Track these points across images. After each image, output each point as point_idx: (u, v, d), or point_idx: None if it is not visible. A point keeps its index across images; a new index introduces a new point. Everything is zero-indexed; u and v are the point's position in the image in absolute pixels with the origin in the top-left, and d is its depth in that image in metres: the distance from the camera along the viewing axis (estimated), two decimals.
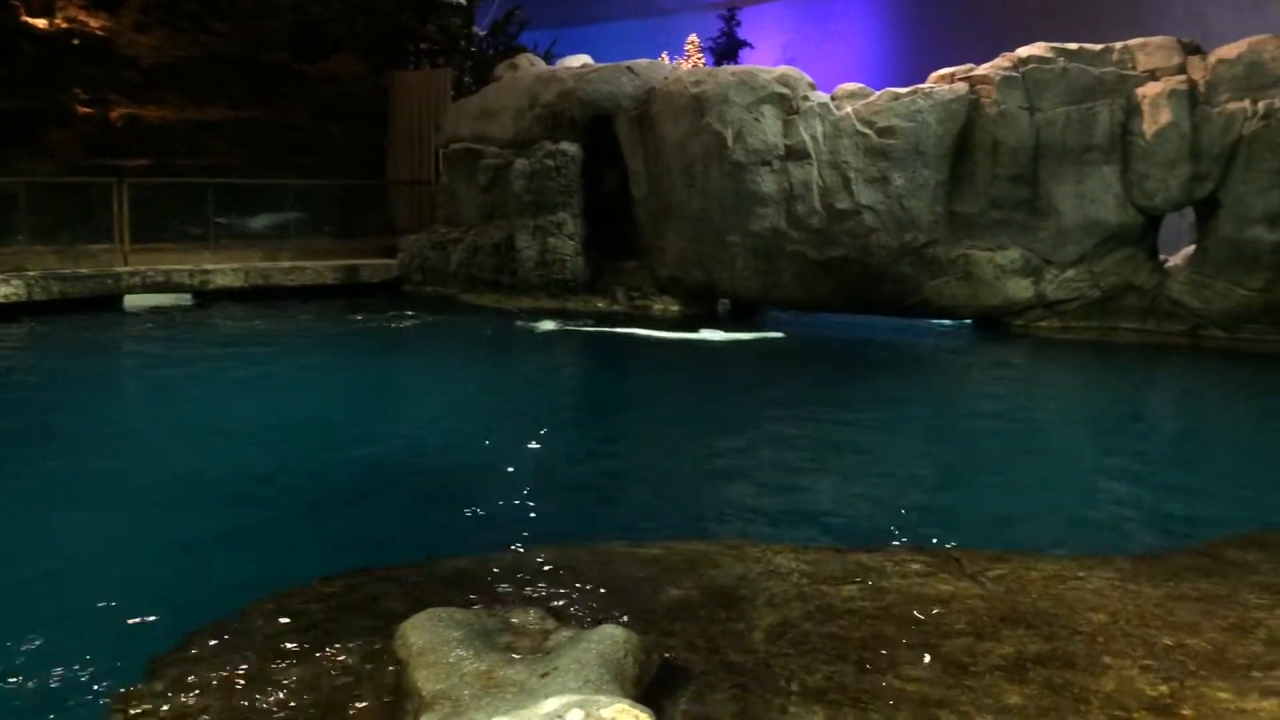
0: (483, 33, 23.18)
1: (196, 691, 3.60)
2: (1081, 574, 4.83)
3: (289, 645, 3.96)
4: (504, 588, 4.59)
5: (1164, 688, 3.63)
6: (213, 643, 4.00)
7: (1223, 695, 3.57)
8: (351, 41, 20.24)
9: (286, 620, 4.22)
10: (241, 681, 3.67)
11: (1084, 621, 4.23)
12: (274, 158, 18.85)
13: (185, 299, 15.28)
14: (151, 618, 4.35)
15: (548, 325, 13.65)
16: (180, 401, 9.21)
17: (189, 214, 16.90)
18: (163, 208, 16.70)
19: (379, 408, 9.27)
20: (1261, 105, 12.47)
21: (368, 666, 3.75)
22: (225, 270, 15.86)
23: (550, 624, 4.00)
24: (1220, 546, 5.35)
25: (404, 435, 8.06)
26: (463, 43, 22.46)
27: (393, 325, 14.08)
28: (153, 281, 15.21)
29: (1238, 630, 4.16)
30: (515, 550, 5.15)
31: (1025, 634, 4.10)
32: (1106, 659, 3.87)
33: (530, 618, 4.05)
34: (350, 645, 3.93)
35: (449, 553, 5.09)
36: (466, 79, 21.40)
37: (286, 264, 16.58)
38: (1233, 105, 12.63)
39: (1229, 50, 12.95)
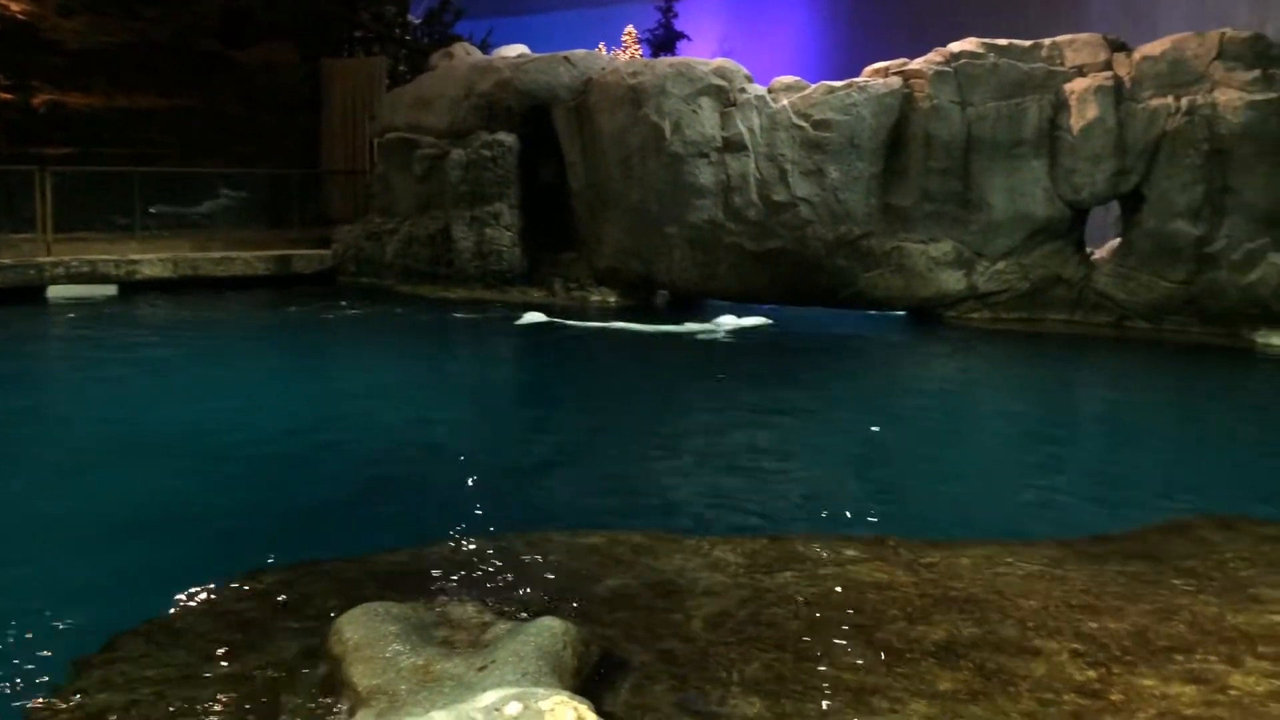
0: (417, 21, 22.93)
1: (122, 694, 3.51)
2: (1011, 559, 4.92)
3: (220, 643, 3.89)
4: (441, 581, 4.56)
5: (1092, 673, 3.71)
6: (141, 643, 3.91)
7: (1148, 681, 3.67)
8: (283, 28, 19.87)
9: (217, 618, 4.15)
10: (171, 682, 3.59)
11: (1014, 607, 4.31)
12: (205, 146, 18.47)
13: (110, 290, 14.92)
14: (75, 620, 4.21)
15: (533, 318, 13.47)
16: (103, 396, 9.00)
17: (115, 203, 16.52)
18: (88, 197, 16.29)
19: (311, 401, 9.13)
20: (1184, 101, 12.80)
21: (302, 663, 3.69)
22: (153, 260, 15.51)
23: (488, 617, 3.97)
24: (1145, 533, 5.49)
25: (338, 428, 7.96)
26: (397, 31, 22.20)
27: (329, 316, 13.89)
28: (77, 272, 14.83)
29: (1162, 614, 4.27)
30: (452, 543, 5.10)
31: (958, 619, 4.17)
32: (1036, 643, 3.95)
33: (468, 611, 4.03)
34: (283, 642, 3.88)
35: (385, 546, 5.03)
36: (401, 68, 21.18)
37: (217, 254, 16.27)
38: (1156, 101, 12.95)
39: (1153, 48, 13.27)
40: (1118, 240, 13.93)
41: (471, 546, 5.04)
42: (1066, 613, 4.26)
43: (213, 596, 4.36)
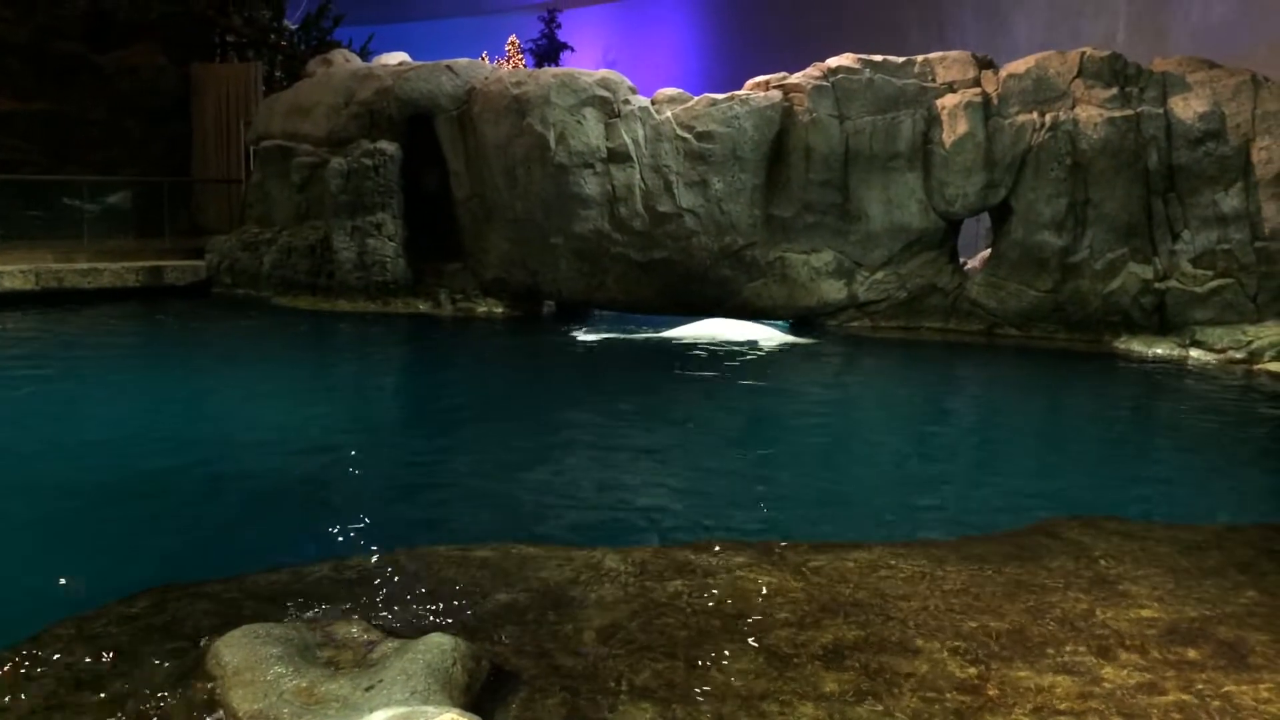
0: (294, 26, 22.41)
1: None
2: (894, 561, 5.05)
3: (89, 671, 3.71)
4: (325, 600, 4.44)
5: (972, 670, 3.83)
6: (3, 674, 3.70)
7: (1023, 674, 3.80)
8: (150, 31, 19.18)
9: (87, 644, 3.95)
10: (37, 713, 3.41)
11: (897, 608, 4.42)
12: (67, 153, 17.68)
13: None
14: None
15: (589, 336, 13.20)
16: None
17: None
18: None
19: (185, 418, 8.80)
20: (1048, 117, 13.38)
21: (178, 689, 3.55)
22: (12, 272, 14.75)
23: (374, 635, 3.88)
24: (1019, 533, 5.69)
25: (215, 446, 7.68)
26: (273, 36, 21.65)
27: (202, 328, 13.44)
28: None
29: (1037, 612, 4.43)
30: (336, 560, 4.97)
31: (844, 622, 4.25)
32: (919, 643, 4.06)
33: (353, 630, 3.93)
34: (158, 668, 3.72)
35: (264, 565, 4.87)
36: (278, 74, 20.67)
37: (83, 265, 15.57)
38: (1022, 117, 13.50)
39: (1018, 65, 13.84)
40: (988, 251, 14.46)
41: (356, 564, 4.92)
42: (947, 613, 4.39)
43: (83, 623, 4.16)
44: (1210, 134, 13.01)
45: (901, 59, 14.15)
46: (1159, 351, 12.63)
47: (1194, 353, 12.45)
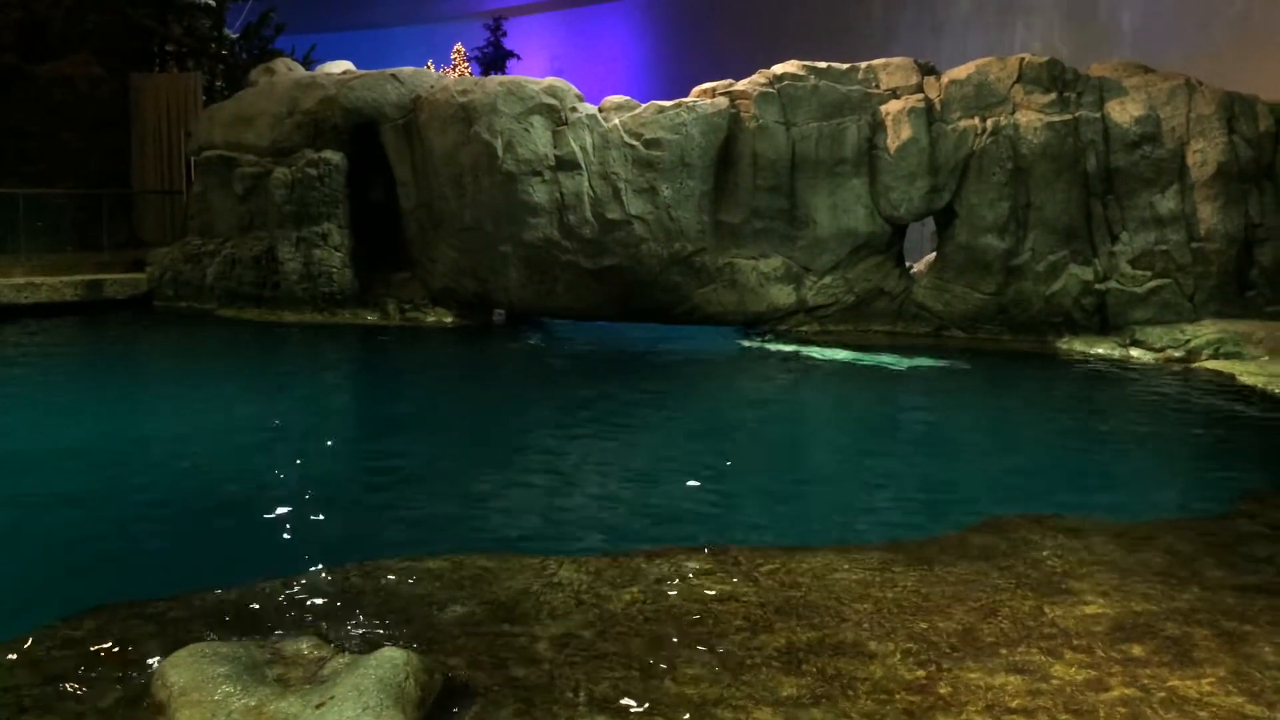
0: (235, 35, 22.12)
1: None
2: (845, 565, 5.08)
3: (32, 696, 3.62)
4: (273, 617, 4.37)
5: (923, 671, 3.86)
6: None
7: (973, 674, 3.84)
8: (85, 41, 18.83)
9: (31, 668, 3.85)
10: None
11: (850, 611, 4.45)
12: (1, 165, 17.29)
13: None
14: None
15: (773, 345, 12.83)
16: None
17: None
18: None
19: (129, 436, 8.62)
20: (989, 122, 13.59)
21: (124, 712, 3.47)
22: None
23: (325, 651, 3.83)
24: (967, 534, 5.75)
25: (157, 461, 7.55)
26: (213, 45, 21.35)
27: (145, 342, 13.20)
28: None
29: (986, 611, 4.48)
30: (285, 577, 4.90)
31: (797, 626, 4.27)
32: (872, 645, 4.09)
33: (303, 646, 3.88)
34: (104, 690, 3.64)
35: (211, 584, 4.79)
36: (219, 83, 20.39)
37: (19, 280, 15.20)
38: (964, 122, 13.70)
39: (959, 71, 14.05)
40: (934, 255, 14.65)
41: (306, 580, 4.85)
42: (899, 614, 4.43)
43: (26, 646, 4.06)
44: (1146, 137, 13.30)
45: (846, 66, 14.30)
46: (1100, 352, 12.88)
47: (1134, 352, 12.71)
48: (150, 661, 3.78)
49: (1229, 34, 17.05)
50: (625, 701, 3.60)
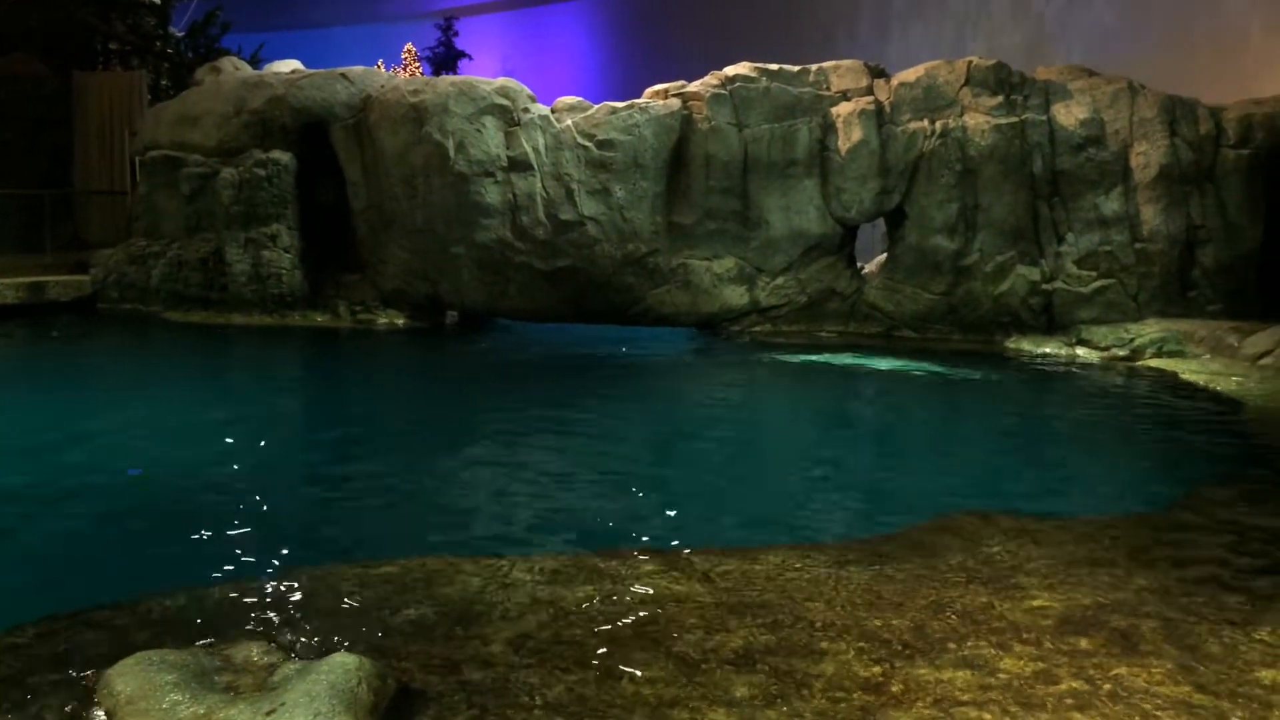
0: (180, 34, 21.78)
1: None
2: (799, 564, 5.11)
3: None
4: (222, 623, 4.30)
5: (876, 668, 3.89)
6: None
7: (924, 670, 3.88)
8: (28, 39, 18.44)
9: None
10: None
11: (804, 610, 4.47)
12: None
13: None
14: None
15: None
16: None
17: None
18: None
19: (69, 438, 8.45)
20: (938, 125, 13.75)
21: None
22: None
23: (275, 657, 3.78)
24: (918, 531, 5.81)
25: (102, 466, 7.40)
26: (158, 44, 21.02)
27: (89, 345, 12.95)
28: None
29: (937, 608, 4.53)
30: (233, 583, 4.83)
31: (752, 626, 4.29)
32: (825, 644, 4.11)
33: (252, 653, 3.82)
34: (48, 700, 3.56)
35: (158, 589, 4.70)
36: (164, 82, 20.08)
37: None
38: (914, 125, 13.85)
39: (909, 74, 14.21)
40: (885, 255, 14.79)
41: (255, 586, 4.79)
42: (852, 612, 4.46)
43: None
44: (1091, 140, 13.53)
45: (797, 68, 14.40)
46: (1047, 351, 13.08)
47: (1080, 351, 12.93)
48: (95, 671, 3.71)
49: (1170, 37, 17.40)
50: (580, 705, 3.59)
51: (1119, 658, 4.01)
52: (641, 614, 4.41)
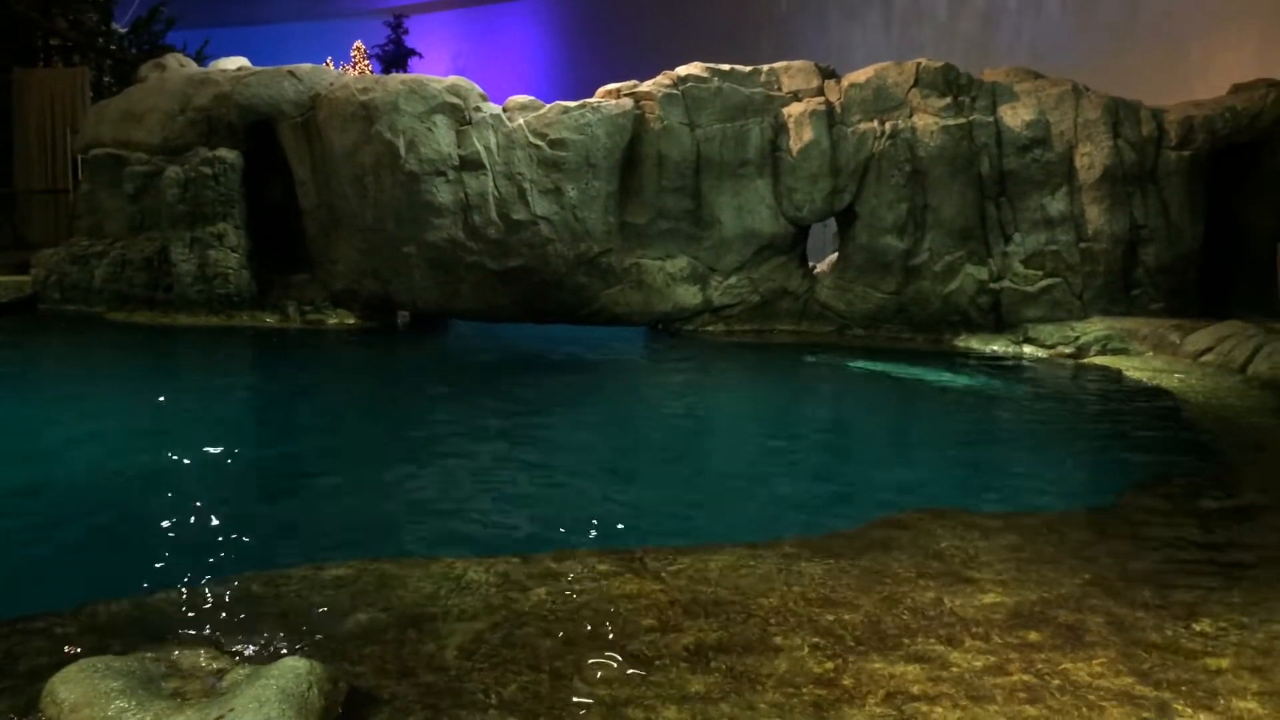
0: (123, 29, 21.40)
1: None
2: (753, 561, 5.13)
3: None
4: (169, 629, 4.23)
5: (829, 664, 3.92)
6: None
7: (876, 665, 3.92)
8: None
9: None
10: None
11: (757, 606, 4.49)
12: None
13: None
14: None
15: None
16: None
17: None
18: None
19: (5, 442, 8.27)
20: (888, 125, 13.88)
21: None
22: None
23: (223, 663, 3.73)
24: (871, 528, 5.86)
25: (42, 470, 7.24)
26: (100, 39, 20.63)
27: (29, 347, 12.67)
28: None
29: (889, 603, 4.58)
30: (180, 588, 4.75)
31: (705, 624, 4.30)
32: (778, 640, 4.13)
33: (200, 658, 3.77)
34: None
35: (103, 596, 4.62)
36: (107, 79, 19.72)
37: None
38: (864, 125, 13.97)
39: (859, 75, 14.33)
40: (836, 255, 14.91)
41: (203, 591, 4.71)
42: (805, 608, 4.49)
43: None
44: (1036, 141, 13.73)
45: (749, 68, 14.46)
46: (995, 349, 13.26)
47: (1027, 349, 13.12)
48: (37, 678, 3.63)
49: (1113, 40, 17.72)
50: (535, 704, 3.58)
51: (1065, 650, 4.08)
52: (595, 614, 4.41)
